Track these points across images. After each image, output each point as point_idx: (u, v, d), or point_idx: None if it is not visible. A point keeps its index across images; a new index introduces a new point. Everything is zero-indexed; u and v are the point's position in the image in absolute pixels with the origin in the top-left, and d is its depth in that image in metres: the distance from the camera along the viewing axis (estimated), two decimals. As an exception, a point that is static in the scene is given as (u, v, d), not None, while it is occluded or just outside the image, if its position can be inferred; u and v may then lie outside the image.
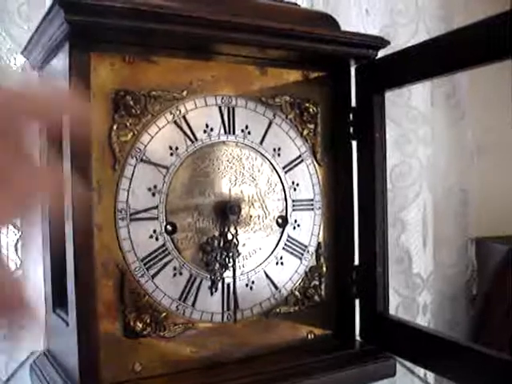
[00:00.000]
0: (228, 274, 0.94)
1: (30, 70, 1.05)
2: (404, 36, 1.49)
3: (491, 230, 1.68)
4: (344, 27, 1.03)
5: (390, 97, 1.02)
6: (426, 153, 1.57)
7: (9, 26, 1.30)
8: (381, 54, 1.01)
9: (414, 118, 1.54)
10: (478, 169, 1.66)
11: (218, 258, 0.93)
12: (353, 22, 1.44)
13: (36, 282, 1.23)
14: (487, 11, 0.80)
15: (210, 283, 0.93)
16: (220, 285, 0.94)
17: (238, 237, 0.95)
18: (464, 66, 0.86)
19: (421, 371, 1.20)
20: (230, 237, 0.94)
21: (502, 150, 1.62)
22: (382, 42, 1.00)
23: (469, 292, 1.69)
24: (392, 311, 1.04)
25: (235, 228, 0.94)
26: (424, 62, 0.91)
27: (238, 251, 0.95)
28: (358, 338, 1.06)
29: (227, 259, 0.94)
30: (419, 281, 1.59)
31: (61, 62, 0.85)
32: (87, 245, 0.81)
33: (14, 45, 1.29)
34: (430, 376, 1.38)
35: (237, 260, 0.95)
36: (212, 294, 0.93)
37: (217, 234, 0.94)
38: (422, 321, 1.56)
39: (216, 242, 0.93)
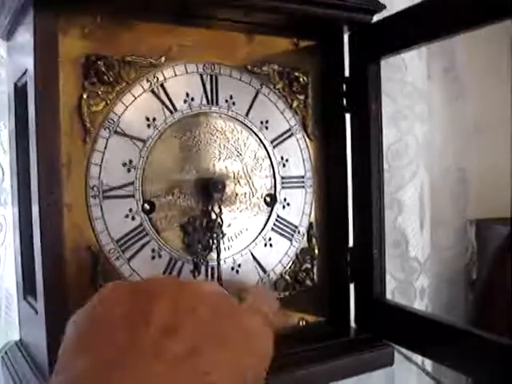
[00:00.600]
0: (212, 256, 0.87)
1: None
2: (401, 1, 1.41)
3: (492, 211, 1.62)
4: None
5: (386, 72, 0.95)
6: (423, 130, 1.50)
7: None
8: (376, 20, 0.94)
9: (409, 93, 1.47)
10: (477, 147, 1.60)
11: (201, 240, 0.86)
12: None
13: (12, 267, 1.17)
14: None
15: (192, 267, 0.86)
16: (203, 268, 0.87)
17: (222, 216, 0.88)
18: (464, 27, 0.78)
19: (418, 358, 1.14)
20: (213, 216, 0.87)
21: (502, 127, 1.56)
22: (378, 6, 0.92)
23: (468, 276, 1.63)
24: (388, 296, 0.98)
25: (219, 207, 0.87)
26: (422, 23, 0.84)
27: (222, 232, 0.88)
28: (352, 324, 0.99)
29: (210, 241, 0.87)
30: (416, 264, 1.53)
31: (27, 27, 0.77)
32: (55, 225, 0.74)
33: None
34: (428, 363, 1.32)
35: (221, 241, 0.88)
36: (195, 277, 0.86)
37: (199, 213, 0.86)
38: (420, 305, 1.51)
39: (198, 221, 0.86)
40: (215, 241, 0.87)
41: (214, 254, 0.87)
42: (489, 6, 0.73)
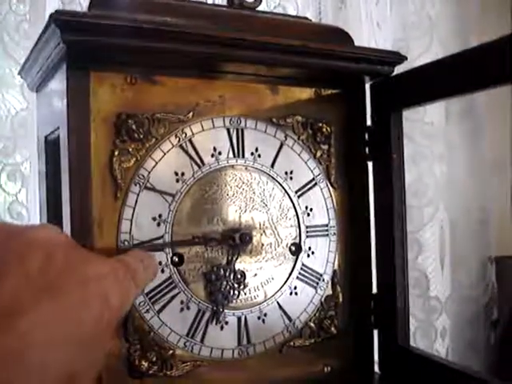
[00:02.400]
0: (239, 306, 0.89)
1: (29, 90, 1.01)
2: (417, 50, 1.43)
3: (512, 249, 1.62)
4: (355, 42, 0.97)
5: (404, 113, 0.96)
6: (442, 169, 1.51)
7: (8, 45, 1.26)
8: (397, 71, 0.95)
9: (428, 133, 1.48)
10: (497, 185, 1.60)
11: (223, 289, 0.87)
12: (364, 36, 1.39)
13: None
14: (502, 23, 0.75)
15: (212, 314, 0.87)
16: (231, 318, 0.88)
17: (247, 266, 0.89)
18: (488, 85, 0.80)
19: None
20: (237, 267, 0.88)
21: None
22: (399, 58, 0.94)
23: (489, 315, 1.62)
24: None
25: (238, 256, 0.88)
26: (444, 80, 0.85)
27: (244, 282, 0.89)
28: (377, 370, 0.99)
29: (232, 291, 0.88)
30: (437, 303, 1.53)
31: (58, 83, 0.80)
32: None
33: (15, 63, 1.25)
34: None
35: (246, 291, 0.89)
36: (217, 324, 0.87)
37: (224, 263, 0.88)
38: (441, 346, 1.50)
39: (222, 271, 0.87)
40: (236, 291, 0.88)
41: (241, 304, 0.89)
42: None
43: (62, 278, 0.45)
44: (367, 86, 0.99)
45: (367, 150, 0.99)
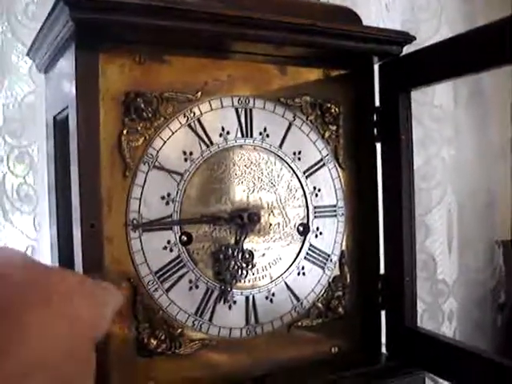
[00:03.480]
0: (248, 285, 0.89)
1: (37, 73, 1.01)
2: (426, 32, 1.42)
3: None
4: (363, 23, 0.97)
5: (413, 95, 0.96)
6: (450, 153, 1.51)
7: (15, 27, 1.26)
8: (404, 51, 0.95)
9: (437, 116, 1.48)
10: (504, 169, 1.60)
11: (231, 268, 0.87)
12: (372, 17, 1.38)
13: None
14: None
15: (220, 294, 0.88)
16: (240, 297, 0.89)
17: (255, 246, 0.89)
18: (497, 64, 0.79)
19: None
20: (245, 246, 0.88)
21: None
22: (408, 38, 0.93)
23: (497, 298, 1.62)
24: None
25: (246, 236, 0.88)
26: (452, 59, 0.84)
27: (252, 262, 0.89)
28: (384, 351, 1.00)
29: (240, 270, 0.88)
30: (444, 287, 1.53)
31: (67, 63, 0.80)
32: (97, 259, 0.76)
33: (22, 46, 1.25)
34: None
35: (254, 271, 0.90)
36: (224, 303, 0.88)
37: (233, 243, 0.88)
38: (448, 328, 1.50)
39: (230, 250, 0.87)
40: (244, 271, 0.89)
41: (249, 284, 0.89)
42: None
43: (17, 302, 0.39)
44: (376, 67, 0.99)
45: (375, 130, 0.98)
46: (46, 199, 1.03)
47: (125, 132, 0.80)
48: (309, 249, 0.95)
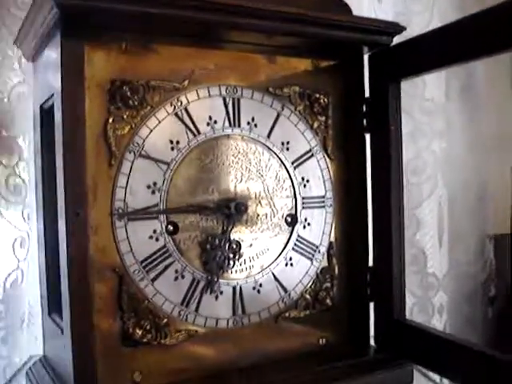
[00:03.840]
0: (235, 276, 0.89)
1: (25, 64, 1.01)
2: (418, 25, 1.42)
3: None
4: (355, 14, 0.96)
5: (404, 87, 0.95)
6: (441, 146, 1.50)
7: (5, 16, 1.25)
8: (394, 42, 0.94)
9: (428, 109, 1.47)
10: (495, 163, 1.59)
11: (218, 258, 0.87)
12: (364, 9, 1.37)
13: (35, 281, 1.18)
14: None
15: (206, 284, 0.87)
16: (226, 288, 0.88)
17: (242, 237, 0.89)
18: (484, 53, 0.79)
19: (437, 378, 1.14)
20: (232, 237, 0.88)
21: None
22: (398, 28, 0.93)
23: (487, 291, 1.62)
24: (406, 313, 0.98)
25: (233, 226, 0.88)
26: (442, 48, 0.84)
27: (240, 252, 0.89)
28: (372, 343, 1.00)
29: (227, 261, 0.88)
30: (434, 280, 1.53)
31: (53, 51, 0.79)
32: (81, 246, 0.75)
33: (11, 36, 1.24)
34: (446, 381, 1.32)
35: (241, 261, 0.89)
36: (211, 293, 0.88)
37: (220, 232, 0.87)
38: (438, 322, 1.50)
39: (217, 240, 0.87)
40: (231, 261, 0.88)
41: (236, 275, 0.89)
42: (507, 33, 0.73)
43: None
44: (365, 58, 0.98)
45: (365, 121, 0.98)
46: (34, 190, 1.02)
47: (110, 120, 0.79)
48: (297, 240, 0.94)
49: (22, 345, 1.29)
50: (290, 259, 0.94)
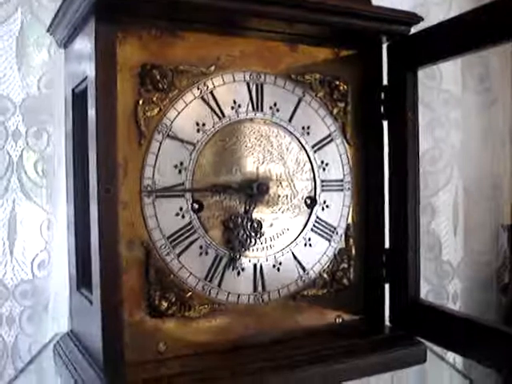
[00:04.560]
0: (256, 254, 0.93)
1: (58, 48, 1.05)
2: (437, 16, 1.44)
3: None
4: (375, 4, 1.00)
5: (422, 79, 0.99)
6: (458, 137, 1.53)
7: (34, 6, 1.29)
8: (412, 32, 0.98)
9: (445, 101, 1.50)
10: (511, 154, 1.62)
11: (240, 237, 0.91)
12: (383, 1, 1.40)
13: (61, 262, 1.23)
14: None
15: (229, 260, 0.91)
16: (248, 265, 0.92)
17: (263, 216, 0.93)
18: (498, 41, 0.82)
19: (450, 358, 1.17)
20: (254, 216, 0.92)
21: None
22: (416, 18, 0.96)
23: (501, 279, 1.65)
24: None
25: (255, 206, 0.92)
26: (458, 37, 0.87)
27: (261, 231, 0.93)
28: (387, 323, 1.03)
29: (248, 239, 0.92)
30: (449, 268, 1.56)
31: (87, 36, 0.83)
32: (112, 221, 0.79)
33: (41, 26, 1.28)
34: (459, 362, 1.35)
35: (262, 240, 0.93)
36: (233, 270, 0.92)
37: (242, 212, 0.91)
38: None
39: (240, 219, 0.91)
40: (253, 239, 0.92)
41: (257, 253, 0.93)
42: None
43: None
44: (384, 47, 1.02)
45: (382, 108, 1.01)
46: (63, 174, 1.06)
47: (141, 102, 0.83)
48: (315, 221, 0.98)
49: (48, 323, 1.34)
50: (309, 239, 0.98)
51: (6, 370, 1.30)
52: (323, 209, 0.99)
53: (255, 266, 0.93)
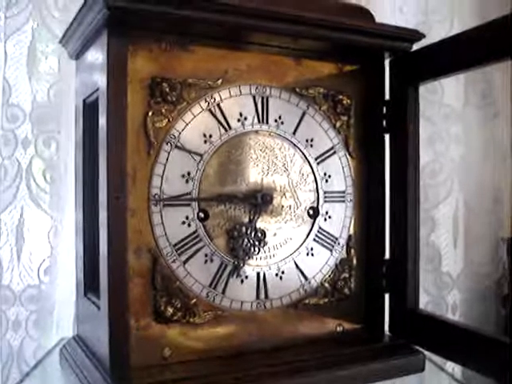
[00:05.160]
0: (259, 262, 0.95)
1: (68, 59, 1.07)
2: (438, 34, 1.47)
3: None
4: (378, 22, 1.02)
5: (424, 94, 1.01)
6: (459, 151, 1.56)
7: (46, 17, 1.32)
8: (414, 49, 1.00)
9: (446, 115, 1.53)
10: (511, 167, 1.64)
11: (244, 245, 0.93)
12: (386, 17, 1.43)
13: (66, 268, 1.25)
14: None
15: (233, 268, 0.94)
16: (251, 273, 0.95)
17: (267, 226, 0.95)
18: (500, 58, 0.85)
19: (449, 368, 1.19)
20: (258, 225, 0.94)
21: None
22: (418, 35, 0.99)
23: (500, 291, 1.66)
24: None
25: (259, 216, 0.94)
26: (460, 53, 0.90)
27: (264, 240, 0.95)
28: (387, 332, 1.05)
29: (252, 248, 0.94)
30: (449, 279, 1.58)
31: (99, 48, 0.86)
32: (121, 229, 0.82)
33: (51, 35, 1.31)
34: (458, 373, 1.36)
35: (266, 249, 0.96)
36: (237, 278, 0.94)
37: (247, 221, 0.94)
38: (451, 320, 1.54)
39: (244, 228, 0.93)
40: (256, 248, 0.95)
41: (260, 261, 0.95)
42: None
43: None
44: (386, 63, 1.04)
45: (384, 122, 1.04)
46: (71, 183, 1.09)
47: (150, 113, 0.86)
48: (318, 231, 1.00)
49: (53, 328, 1.36)
50: (311, 249, 1.00)
51: (11, 374, 1.32)
52: (325, 219, 1.01)
53: (258, 274, 0.95)
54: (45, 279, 1.36)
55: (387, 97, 1.04)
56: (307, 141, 0.99)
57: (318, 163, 1.00)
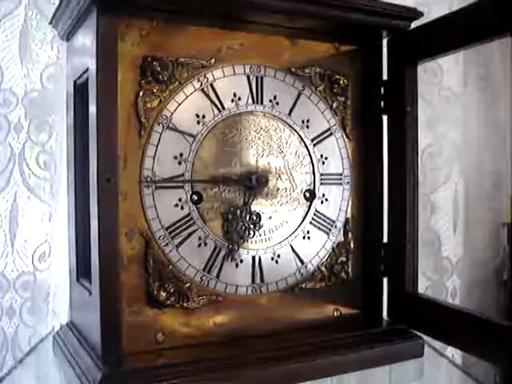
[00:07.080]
0: (254, 246, 0.93)
1: (61, 42, 1.05)
2: (437, 13, 1.45)
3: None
4: None
5: (422, 76, 0.99)
6: (458, 134, 1.54)
7: (39, 2, 1.30)
8: (413, 26, 0.98)
9: (446, 97, 1.51)
10: (511, 151, 1.62)
11: (238, 228, 0.91)
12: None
13: (62, 255, 1.24)
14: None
15: (228, 252, 0.92)
16: (246, 257, 0.93)
17: (262, 209, 0.93)
18: (498, 34, 0.83)
19: (449, 353, 1.17)
20: (253, 208, 0.93)
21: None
22: (416, 13, 0.97)
23: (499, 276, 1.65)
24: (420, 294, 1.02)
25: (254, 198, 0.93)
26: (458, 30, 0.88)
27: (260, 223, 0.93)
28: (385, 317, 1.04)
29: (247, 231, 0.92)
30: (448, 265, 1.56)
31: (89, 28, 0.84)
32: (112, 212, 0.80)
33: (44, 18, 1.29)
34: (457, 359, 1.35)
35: (261, 232, 0.94)
36: (231, 261, 0.92)
37: (241, 204, 0.92)
38: (451, 305, 1.53)
39: (239, 211, 0.92)
40: (251, 231, 0.93)
41: (256, 245, 0.93)
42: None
43: None
44: (384, 42, 1.02)
45: (382, 103, 1.02)
46: (64, 168, 1.07)
47: (141, 94, 0.84)
48: (314, 214, 0.99)
49: (47, 315, 1.34)
50: (308, 232, 0.98)
51: (6, 361, 1.31)
52: (322, 202, 0.99)
53: (254, 257, 0.94)
54: (40, 266, 1.34)
55: (385, 77, 1.02)
56: (303, 122, 0.97)
57: (314, 145, 0.98)
